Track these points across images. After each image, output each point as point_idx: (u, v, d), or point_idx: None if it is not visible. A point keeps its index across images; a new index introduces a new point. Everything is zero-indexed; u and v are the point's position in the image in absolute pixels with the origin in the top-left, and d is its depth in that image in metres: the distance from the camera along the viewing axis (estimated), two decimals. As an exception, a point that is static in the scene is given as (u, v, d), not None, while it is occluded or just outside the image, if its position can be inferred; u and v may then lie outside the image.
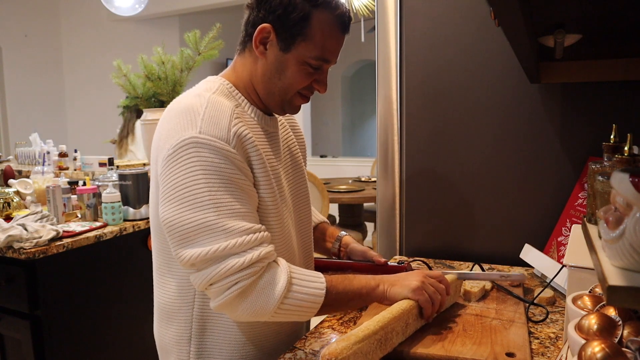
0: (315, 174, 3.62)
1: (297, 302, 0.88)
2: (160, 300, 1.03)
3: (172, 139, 0.87)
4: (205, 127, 0.87)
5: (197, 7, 5.47)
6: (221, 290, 0.85)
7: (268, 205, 0.96)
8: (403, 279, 0.98)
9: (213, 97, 0.93)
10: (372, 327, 0.83)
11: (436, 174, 1.58)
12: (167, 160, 0.87)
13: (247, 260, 0.84)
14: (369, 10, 3.95)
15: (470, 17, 1.49)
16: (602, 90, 1.38)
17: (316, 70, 0.98)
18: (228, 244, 0.83)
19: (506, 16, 0.70)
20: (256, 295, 0.85)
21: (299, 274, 0.90)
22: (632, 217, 0.46)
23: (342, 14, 0.98)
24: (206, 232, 0.84)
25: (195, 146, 0.85)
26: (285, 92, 0.99)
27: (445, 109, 1.55)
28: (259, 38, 0.95)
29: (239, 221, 0.85)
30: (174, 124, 0.89)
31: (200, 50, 2.40)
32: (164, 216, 0.87)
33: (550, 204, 1.45)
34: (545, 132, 1.44)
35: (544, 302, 1.16)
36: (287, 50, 0.95)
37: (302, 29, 0.93)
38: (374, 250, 1.27)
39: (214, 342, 0.99)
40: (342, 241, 1.27)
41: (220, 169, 0.85)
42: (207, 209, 0.84)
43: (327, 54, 0.97)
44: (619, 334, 0.59)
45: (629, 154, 0.74)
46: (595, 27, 0.90)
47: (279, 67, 0.96)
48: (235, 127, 0.90)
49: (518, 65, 1.34)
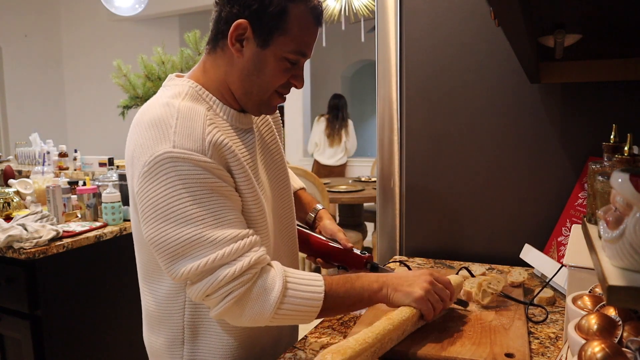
0: (315, 174, 3.62)
1: (294, 306, 0.86)
2: (149, 308, 1.02)
3: (145, 155, 0.84)
4: (178, 140, 0.83)
5: (197, 7, 5.47)
6: (217, 300, 0.84)
7: (251, 207, 0.93)
8: (408, 284, 0.94)
9: (183, 105, 0.89)
10: (370, 340, 0.81)
11: (436, 174, 1.58)
12: (143, 177, 0.84)
13: (239, 268, 0.82)
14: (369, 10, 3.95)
15: (470, 17, 1.49)
16: (602, 90, 1.38)
17: (293, 66, 0.95)
18: (217, 255, 0.82)
19: (506, 16, 0.70)
20: (252, 303, 0.84)
21: (295, 278, 0.88)
22: (632, 217, 0.46)
23: (316, 7, 0.95)
24: (194, 246, 0.82)
25: (171, 161, 0.82)
26: (264, 91, 0.96)
27: (445, 109, 1.55)
28: (234, 35, 0.91)
29: (226, 229, 0.84)
30: (145, 138, 0.85)
31: (200, 50, 2.40)
32: (149, 236, 0.84)
33: (550, 204, 1.45)
34: (545, 132, 1.44)
35: (544, 302, 1.16)
36: (264, 46, 0.92)
37: (280, 24, 0.90)
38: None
39: (207, 346, 0.98)
40: (317, 214, 1.25)
41: (199, 180, 0.83)
42: (191, 223, 0.82)
43: (304, 47, 0.94)
44: (619, 334, 0.59)
45: (629, 154, 0.74)
46: (595, 27, 0.90)
47: (257, 64, 0.93)
48: (210, 135, 0.86)
49: (518, 65, 1.34)
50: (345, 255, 1.14)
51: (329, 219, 1.22)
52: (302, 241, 1.17)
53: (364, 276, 0.96)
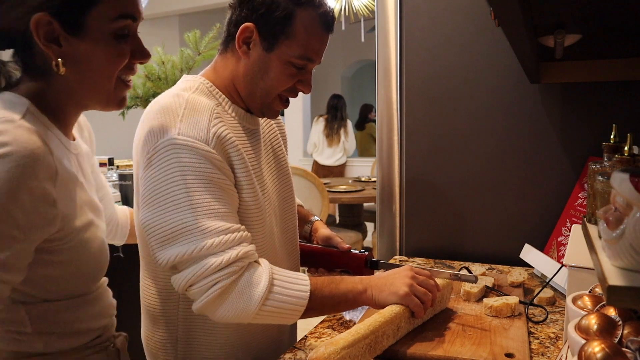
0: (315, 174, 3.62)
1: (279, 304, 0.86)
2: (145, 303, 1.02)
3: (151, 142, 0.86)
4: (183, 128, 0.85)
5: (197, 7, 5.48)
6: (201, 291, 0.83)
7: (250, 205, 0.94)
8: (390, 283, 0.95)
9: (192, 97, 0.91)
10: (362, 332, 0.82)
11: (436, 174, 1.58)
12: (145, 163, 0.86)
13: (226, 259, 0.82)
14: (369, 10, 3.95)
15: (470, 17, 1.49)
16: (602, 90, 1.38)
17: (300, 71, 0.96)
18: (205, 243, 0.82)
19: (506, 16, 0.70)
20: (236, 296, 0.84)
21: (281, 276, 0.88)
22: (632, 217, 0.46)
23: (326, 12, 0.95)
24: (184, 234, 0.82)
25: (174, 148, 0.84)
26: (267, 94, 0.97)
27: (445, 109, 1.55)
28: (241, 38, 0.93)
29: (218, 221, 0.84)
30: (152, 125, 0.87)
31: (200, 50, 2.40)
32: (143, 219, 0.85)
33: (550, 204, 1.45)
34: (545, 132, 1.44)
35: (544, 302, 1.16)
36: (270, 50, 0.93)
37: (285, 28, 0.92)
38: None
39: (201, 345, 0.98)
40: (313, 226, 1.26)
41: (198, 169, 0.84)
42: (185, 210, 0.82)
43: (310, 53, 0.95)
44: (619, 334, 0.59)
45: (629, 154, 0.74)
46: (595, 27, 0.90)
47: (262, 68, 0.95)
48: (215, 128, 0.88)
49: (518, 65, 1.34)
50: (344, 257, 1.14)
51: (324, 227, 1.24)
52: (302, 255, 1.17)
53: (348, 278, 0.96)
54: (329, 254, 1.16)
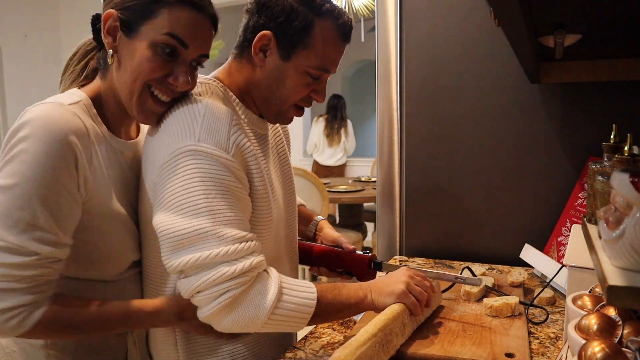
0: (315, 174, 3.62)
1: (288, 312, 0.85)
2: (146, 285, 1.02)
3: (170, 147, 0.84)
4: (203, 135, 0.84)
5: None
6: (209, 299, 0.82)
7: (263, 212, 0.94)
8: (387, 286, 0.96)
9: (210, 102, 0.90)
10: (370, 330, 0.82)
11: (436, 174, 1.58)
12: (163, 168, 0.84)
13: (239, 269, 0.81)
14: (369, 10, 3.96)
15: (470, 17, 1.49)
16: (602, 90, 1.38)
17: (315, 80, 0.96)
18: (220, 251, 0.81)
19: (506, 16, 0.70)
20: (246, 305, 0.83)
21: (289, 284, 0.88)
22: (632, 217, 0.46)
23: (345, 23, 0.95)
24: (199, 239, 0.81)
25: (194, 154, 0.83)
26: (282, 103, 0.97)
27: (445, 109, 1.55)
28: (258, 45, 0.92)
29: (233, 229, 0.83)
30: (171, 130, 0.86)
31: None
32: (157, 223, 0.84)
33: (550, 204, 1.45)
34: (545, 132, 1.44)
35: (544, 302, 1.16)
36: (287, 59, 0.93)
37: (304, 38, 0.91)
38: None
39: (200, 345, 0.98)
40: (317, 225, 1.26)
41: (217, 176, 0.84)
42: (203, 216, 0.82)
43: (327, 63, 0.95)
44: (619, 334, 0.59)
45: (629, 154, 0.74)
46: (595, 27, 0.90)
47: (278, 76, 0.94)
48: (234, 136, 0.87)
49: (518, 65, 1.34)
50: (349, 258, 1.14)
51: (330, 227, 1.23)
52: (305, 253, 1.17)
53: (349, 285, 0.96)
54: (334, 253, 1.16)
